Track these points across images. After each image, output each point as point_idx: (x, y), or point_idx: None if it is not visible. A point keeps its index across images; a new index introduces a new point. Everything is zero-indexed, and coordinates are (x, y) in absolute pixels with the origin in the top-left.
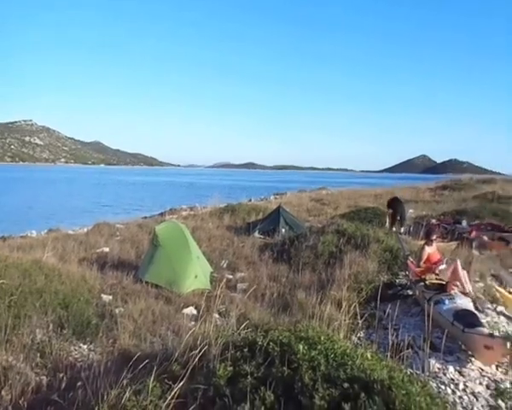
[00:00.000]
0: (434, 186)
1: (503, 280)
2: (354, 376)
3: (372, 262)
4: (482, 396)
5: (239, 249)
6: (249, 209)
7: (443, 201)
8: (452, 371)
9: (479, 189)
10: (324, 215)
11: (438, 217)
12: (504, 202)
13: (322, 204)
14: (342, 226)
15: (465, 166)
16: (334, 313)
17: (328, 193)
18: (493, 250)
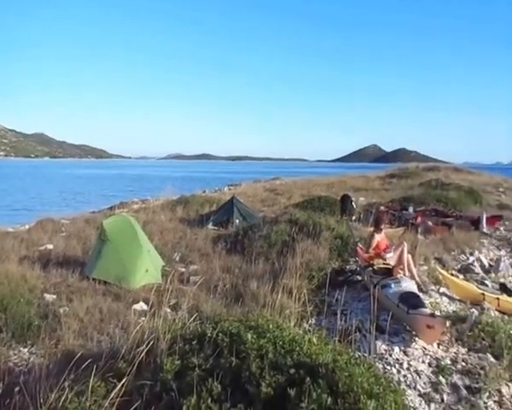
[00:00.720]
0: (384, 175)
1: (445, 263)
2: (300, 361)
3: (323, 250)
4: (424, 374)
5: (192, 242)
6: (203, 201)
7: (391, 188)
8: (397, 351)
9: (424, 176)
10: (278, 205)
11: (386, 204)
12: (447, 188)
13: (276, 194)
14: (295, 216)
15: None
16: (285, 301)
17: (283, 183)
18: (437, 235)
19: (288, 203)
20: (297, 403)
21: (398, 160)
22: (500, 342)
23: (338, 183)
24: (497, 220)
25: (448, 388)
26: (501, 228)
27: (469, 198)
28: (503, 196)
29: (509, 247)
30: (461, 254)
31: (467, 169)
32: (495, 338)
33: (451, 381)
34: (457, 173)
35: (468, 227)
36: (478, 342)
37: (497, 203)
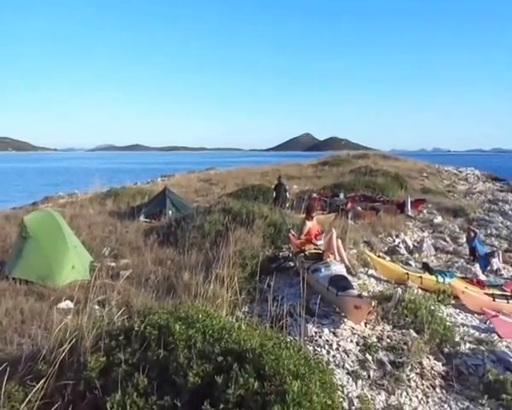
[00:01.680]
0: (316, 162)
1: (373, 245)
2: (228, 349)
3: (257, 238)
4: (352, 352)
5: (122, 235)
6: (134, 193)
7: (323, 176)
8: (327, 332)
9: (355, 164)
10: (212, 195)
11: (318, 191)
12: (375, 174)
13: (210, 184)
14: (228, 205)
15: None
16: (218, 290)
17: (217, 173)
18: (366, 219)
19: (222, 193)
20: (224, 390)
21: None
22: (421, 318)
23: (272, 171)
24: (421, 204)
25: (374, 364)
26: (424, 211)
27: (396, 183)
28: (427, 181)
29: (432, 228)
30: (388, 237)
31: (394, 156)
32: (417, 314)
33: (377, 357)
34: (385, 160)
35: (394, 211)
36: (402, 319)
37: (420, 188)
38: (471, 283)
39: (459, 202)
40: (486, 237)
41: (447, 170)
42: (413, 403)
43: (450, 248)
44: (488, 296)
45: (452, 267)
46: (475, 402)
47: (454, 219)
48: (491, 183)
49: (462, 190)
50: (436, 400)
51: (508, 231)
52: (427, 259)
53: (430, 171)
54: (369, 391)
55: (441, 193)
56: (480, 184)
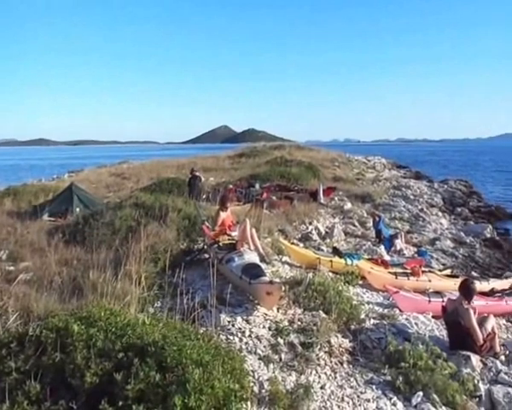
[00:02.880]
0: (233, 154)
1: (287, 233)
2: (130, 344)
3: (171, 231)
4: (265, 338)
5: (23, 237)
6: (36, 190)
7: (240, 167)
8: (240, 321)
9: (271, 154)
10: (125, 190)
11: (235, 182)
12: (290, 165)
13: (122, 179)
14: (141, 199)
15: (261, 135)
16: (127, 287)
17: (130, 167)
18: (281, 208)
19: (135, 187)
20: (123, 386)
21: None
22: (330, 299)
23: (188, 164)
24: (332, 191)
25: (286, 347)
26: (335, 198)
27: (309, 173)
28: (338, 170)
29: (342, 214)
30: (301, 225)
31: (308, 147)
32: (325, 296)
33: (289, 340)
34: (300, 151)
35: (307, 199)
36: (312, 302)
37: (332, 176)
38: (376, 263)
39: (367, 188)
40: (391, 220)
41: (357, 159)
42: (322, 380)
43: (359, 233)
44: (391, 275)
45: (360, 250)
46: (378, 373)
47: (362, 204)
48: (395, 170)
49: (370, 178)
50: (343, 374)
51: (409, 214)
52: (338, 243)
53: (341, 160)
54: (280, 373)
55: (351, 181)
56: (386, 172)
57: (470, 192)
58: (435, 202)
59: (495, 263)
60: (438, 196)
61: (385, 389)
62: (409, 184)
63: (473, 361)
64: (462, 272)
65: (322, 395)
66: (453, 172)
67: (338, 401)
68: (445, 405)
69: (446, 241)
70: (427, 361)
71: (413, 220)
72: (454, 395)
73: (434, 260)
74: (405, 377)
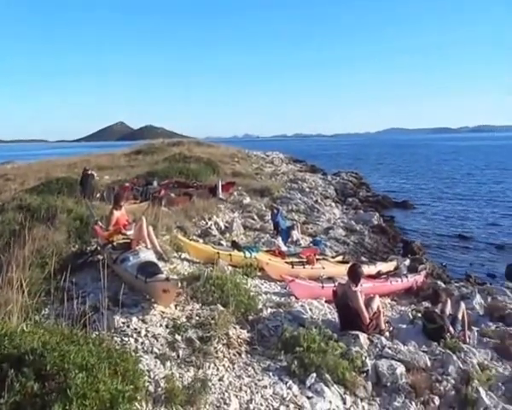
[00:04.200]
0: (129, 151)
1: (186, 230)
2: (5, 355)
3: (60, 234)
4: (162, 336)
5: None
6: None
7: (137, 165)
8: (136, 321)
9: (169, 151)
10: (9, 192)
11: (131, 180)
12: (189, 161)
13: (6, 180)
14: (26, 201)
15: (160, 132)
16: (10, 296)
17: (15, 167)
18: (180, 205)
19: (20, 189)
20: None
21: (145, 136)
22: (227, 292)
23: (81, 162)
24: (231, 186)
25: (183, 343)
26: (235, 193)
27: (208, 169)
28: (238, 165)
29: (242, 209)
30: (201, 221)
31: (207, 143)
32: (223, 289)
33: (187, 336)
34: (199, 147)
35: (207, 195)
36: (210, 296)
37: (231, 171)
38: (274, 254)
39: (266, 183)
40: (288, 212)
41: (256, 154)
42: (220, 372)
43: (258, 226)
44: (288, 265)
45: (259, 243)
46: (275, 359)
47: (261, 198)
48: (292, 164)
49: (269, 172)
50: (241, 365)
51: (305, 205)
52: (237, 237)
53: (241, 156)
54: (177, 370)
55: (250, 176)
56: (284, 166)
57: (360, 183)
58: (329, 194)
59: (381, 248)
60: (331, 187)
61: (281, 374)
62: (304, 178)
63: (361, 340)
64: (352, 257)
65: (221, 386)
66: (345, 165)
67: (236, 390)
68: (337, 382)
69: (339, 229)
70: (320, 344)
71: (308, 212)
72: (344, 373)
73: (328, 248)
74: (300, 361)
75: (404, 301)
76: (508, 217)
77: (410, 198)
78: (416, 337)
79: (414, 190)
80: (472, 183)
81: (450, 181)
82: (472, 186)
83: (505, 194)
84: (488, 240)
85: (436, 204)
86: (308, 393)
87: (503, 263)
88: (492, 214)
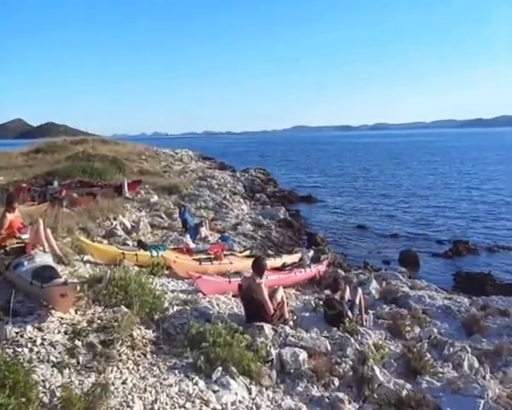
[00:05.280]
0: (28, 150)
1: (90, 231)
2: None
3: None
4: (60, 343)
5: None
6: None
7: (36, 164)
8: (31, 330)
9: (72, 149)
10: None
11: (29, 181)
12: (93, 159)
13: None
14: None
15: (62, 129)
16: None
17: None
18: (83, 205)
19: None
20: None
21: (46, 134)
22: (132, 292)
23: None
24: (138, 185)
25: (84, 349)
26: (142, 191)
27: (114, 167)
28: (145, 163)
29: (149, 207)
30: (106, 221)
31: (114, 140)
32: (127, 290)
33: (87, 341)
34: (105, 145)
35: (112, 194)
36: (113, 298)
37: (139, 170)
38: (182, 252)
39: (174, 180)
40: (196, 209)
41: (165, 152)
42: (124, 375)
43: (166, 224)
44: (196, 262)
45: (167, 241)
46: (181, 357)
47: (169, 196)
48: (202, 162)
49: (178, 170)
50: (146, 365)
51: (214, 202)
52: (145, 236)
53: (149, 154)
54: (77, 377)
55: (158, 174)
56: (193, 164)
57: (268, 179)
58: (237, 190)
59: (287, 241)
60: (240, 184)
61: (187, 371)
62: (214, 175)
63: (265, 330)
64: (260, 251)
65: (124, 389)
66: (253, 161)
67: (140, 392)
68: (242, 374)
69: (247, 225)
70: (226, 337)
71: (217, 208)
72: (249, 364)
73: (236, 244)
74: (206, 356)
75: (308, 291)
76: (400, 209)
77: (314, 193)
78: (318, 324)
79: (318, 184)
80: (370, 177)
81: (350, 176)
82: (370, 180)
83: (398, 187)
84: (384, 230)
85: (338, 198)
86: (214, 387)
87: (397, 250)
88: (387, 206)
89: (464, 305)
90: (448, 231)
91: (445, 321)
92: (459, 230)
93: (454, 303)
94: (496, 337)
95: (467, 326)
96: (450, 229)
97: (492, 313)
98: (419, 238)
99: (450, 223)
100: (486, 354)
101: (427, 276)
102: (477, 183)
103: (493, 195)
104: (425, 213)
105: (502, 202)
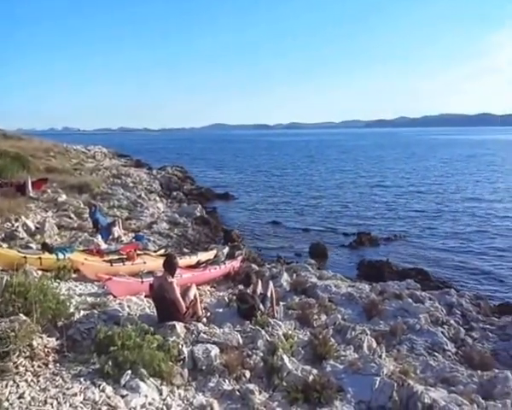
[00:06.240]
0: None
1: None
2: None
3: None
4: None
5: None
6: None
7: None
8: None
9: None
10: None
11: None
12: None
13: None
14: None
15: None
16: None
17: None
18: None
19: None
20: None
21: None
22: (32, 299)
23: None
24: (44, 183)
25: None
26: (49, 190)
27: (16, 164)
28: (54, 160)
29: (56, 207)
30: (6, 223)
31: (18, 135)
32: (27, 296)
33: None
34: (7, 140)
35: (13, 194)
36: (10, 306)
37: (45, 167)
38: (91, 253)
39: (85, 178)
40: (109, 208)
41: (76, 149)
42: (20, 389)
43: (75, 224)
44: (106, 263)
45: (75, 242)
46: (88, 364)
47: (79, 195)
48: (117, 159)
49: (90, 168)
50: (48, 376)
51: (128, 201)
52: (51, 239)
53: (58, 150)
54: None
55: (67, 171)
56: (107, 161)
57: (185, 177)
58: (154, 188)
59: (204, 238)
60: (156, 182)
61: (94, 378)
62: (129, 173)
63: (177, 329)
64: (175, 250)
65: (21, 404)
66: (171, 159)
67: (40, 405)
68: (153, 375)
69: (163, 223)
70: (136, 339)
71: (132, 207)
72: (160, 365)
73: (151, 243)
74: (114, 361)
75: (223, 287)
76: (311, 205)
77: (231, 190)
78: (232, 319)
79: (235, 182)
80: (283, 175)
81: (265, 174)
82: (283, 178)
83: (310, 184)
84: (296, 225)
85: (254, 195)
86: (123, 391)
87: (308, 243)
88: (299, 202)
89: (365, 291)
90: (353, 224)
91: (349, 307)
92: (363, 222)
93: (356, 290)
94: (391, 319)
95: (367, 311)
96: (355, 222)
97: (389, 297)
98: (327, 231)
99: (356, 216)
100: (383, 335)
101: (333, 266)
102: (378, 179)
103: (392, 190)
104: (333, 208)
105: (399, 196)
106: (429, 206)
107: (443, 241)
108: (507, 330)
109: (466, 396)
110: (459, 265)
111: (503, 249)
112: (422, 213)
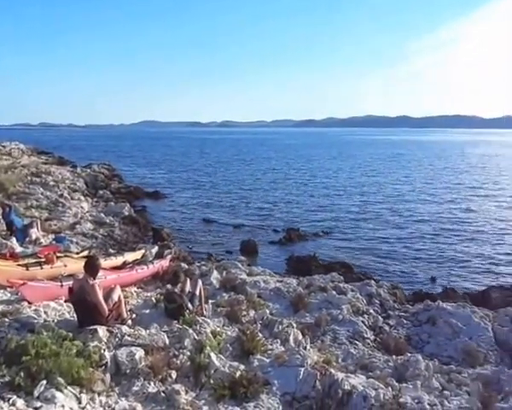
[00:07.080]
0: None
1: None
2: None
3: None
4: None
5: None
6: None
7: None
8: None
9: None
10: None
11: None
12: None
13: None
14: None
15: None
16: None
17: None
18: None
19: None
20: None
21: None
22: None
23: None
24: None
25: None
26: None
27: None
28: None
29: None
30: None
31: None
32: None
33: None
34: None
35: None
36: None
37: None
38: (4, 258)
39: None
40: (26, 209)
41: None
42: None
43: None
44: (22, 267)
45: None
46: None
47: None
48: (36, 156)
49: (5, 166)
50: None
51: (48, 200)
52: None
53: None
54: None
55: None
56: (25, 158)
57: (113, 175)
58: (78, 187)
59: (132, 238)
60: (80, 180)
61: (3, 391)
62: (50, 171)
63: (99, 333)
64: (100, 251)
65: None
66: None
67: None
68: (71, 384)
69: (87, 224)
70: (52, 347)
71: (52, 207)
72: (79, 372)
73: (74, 245)
74: (27, 371)
75: (151, 287)
76: (243, 202)
77: (161, 188)
78: (159, 319)
79: (165, 180)
80: (215, 173)
81: (197, 172)
82: (215, 176)
83: (241, 182)
84: (227, 222)
85: (185, 193)
86: (36, 404)
87: (239, 240)
88: (231, 200)
89: (293, 285)
90: (283, 220)
91: (277, 302)
92: (292, 219)
93: (284, 285)
94: (316, 311)
95: (294, 304)
96: (285, 218)
97: (314, 290)
98: (258, 228)
99: (286, 213)
100: (309, 327)
101: (264, 262)
102: (307, 178)
103: (320, 187)
104: (264, 205)
105: (327, 193)
106: (354, 202)
107: (365, 235)
108: (419, 317)
109: (382, 380)
110: (379, 257)
111: (418, 242)
112: (348, 210)
